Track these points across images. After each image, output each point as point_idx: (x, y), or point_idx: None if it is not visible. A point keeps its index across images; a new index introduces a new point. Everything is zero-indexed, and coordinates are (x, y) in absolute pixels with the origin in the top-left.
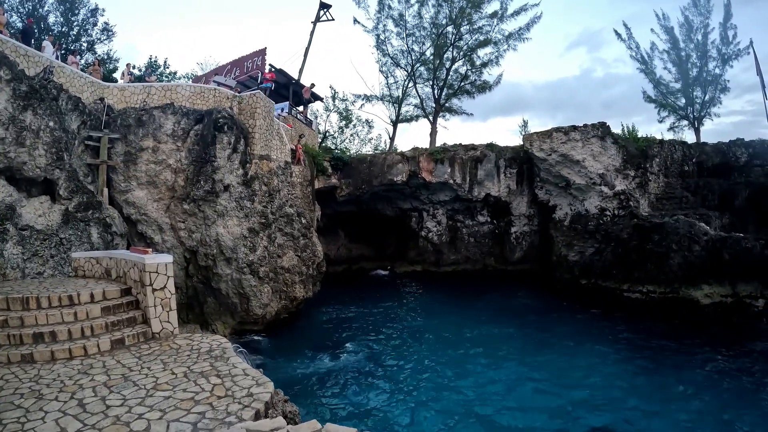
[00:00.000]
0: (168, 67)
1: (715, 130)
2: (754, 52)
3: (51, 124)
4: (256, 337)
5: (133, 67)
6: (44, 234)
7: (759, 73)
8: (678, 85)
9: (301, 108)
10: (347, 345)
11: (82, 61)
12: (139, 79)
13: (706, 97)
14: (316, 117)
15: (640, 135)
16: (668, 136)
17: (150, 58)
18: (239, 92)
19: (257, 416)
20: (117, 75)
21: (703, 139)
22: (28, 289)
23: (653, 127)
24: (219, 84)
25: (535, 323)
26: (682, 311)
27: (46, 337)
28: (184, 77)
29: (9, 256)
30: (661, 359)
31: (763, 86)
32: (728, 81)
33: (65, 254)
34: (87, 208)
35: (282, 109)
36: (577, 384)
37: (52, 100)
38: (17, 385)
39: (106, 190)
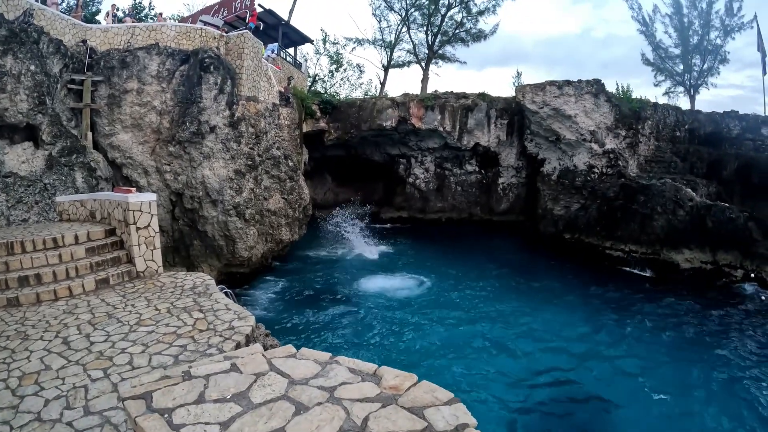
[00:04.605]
0: (153, 9)
1: (712, 100)
2: (758, 27)
3: (32, 68)
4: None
5: (117, 9)
6: (28, 180)
7: (761, 48)
8: (677, 51)
9: (291, 50)
10: (335, 287)
11: (63, 4)
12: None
13: (705, 66)
14: (306, 60)
15: (634, 96)
16: (663, 100)
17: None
18: (226, 32)
19: (238, 348)
20: (100, 17)
21: (697, 108)
22: (12, 234)
23: (649, 90)
24: (205, 23)
25: (516, 273)
26: (662, 272)
27: (32, 279)
28: (170, 19)
29: None
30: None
31: (764, 63)
32: (728, 53)
33: (50, 200)
34: (71, 152)
35: (272, 51)
36: (545, 336)
37: (33, 44)
38: (3, 328)
39: (90, 134)
